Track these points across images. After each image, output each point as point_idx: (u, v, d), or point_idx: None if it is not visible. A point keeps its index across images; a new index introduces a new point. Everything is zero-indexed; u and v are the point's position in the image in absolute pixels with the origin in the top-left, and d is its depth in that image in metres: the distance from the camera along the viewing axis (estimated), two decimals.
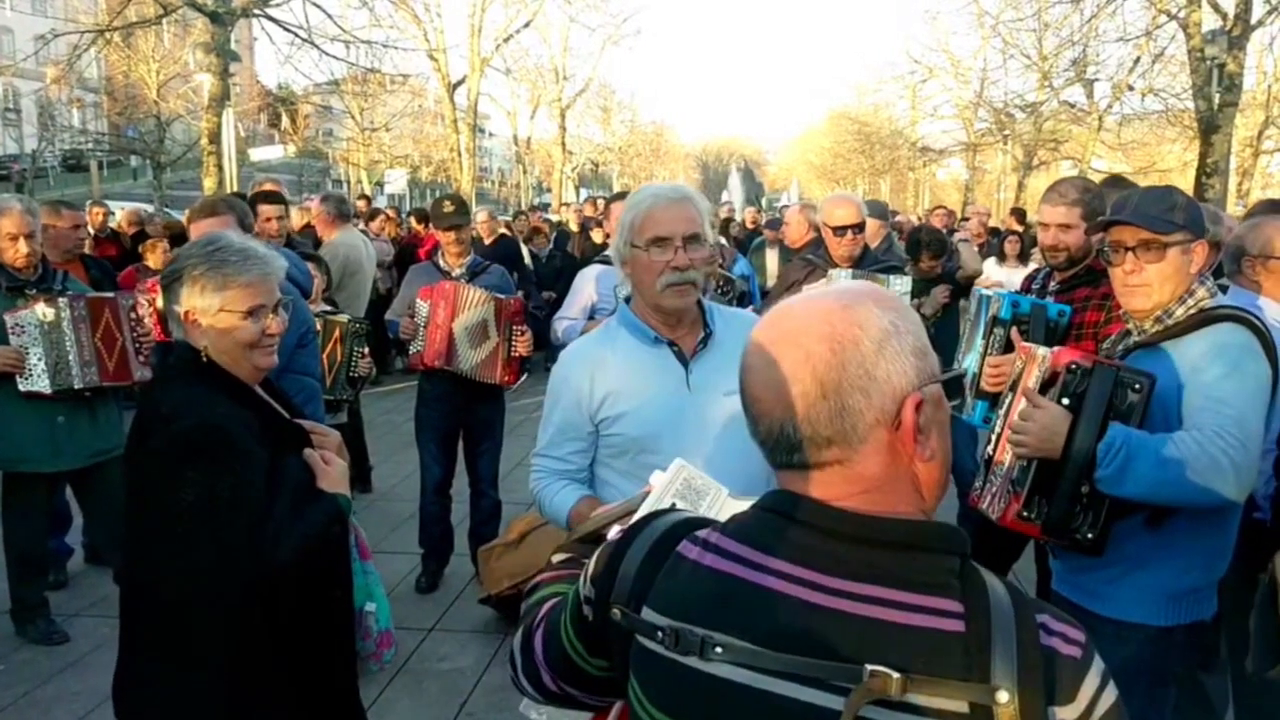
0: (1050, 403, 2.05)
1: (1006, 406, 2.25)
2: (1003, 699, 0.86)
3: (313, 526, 1.86)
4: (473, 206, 10.28)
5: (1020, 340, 2.54)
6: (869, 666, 0.87)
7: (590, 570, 1.09)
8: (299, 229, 7.21)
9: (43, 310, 3.85)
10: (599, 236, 10.49)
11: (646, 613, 0.99)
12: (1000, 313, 2.78)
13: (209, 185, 13.79)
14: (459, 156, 25.08)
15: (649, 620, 0.99)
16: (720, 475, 2.06)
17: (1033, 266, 6.12)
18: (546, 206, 22.88)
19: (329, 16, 17.45)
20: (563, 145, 33.53)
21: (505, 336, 4.45)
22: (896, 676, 0.86)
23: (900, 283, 3.85)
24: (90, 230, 8.66)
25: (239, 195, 5.07)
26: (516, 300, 4.57)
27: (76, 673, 3.88)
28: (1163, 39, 17.15)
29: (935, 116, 31.68)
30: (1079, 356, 2.10)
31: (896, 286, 3.81)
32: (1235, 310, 2.10)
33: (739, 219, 13.36)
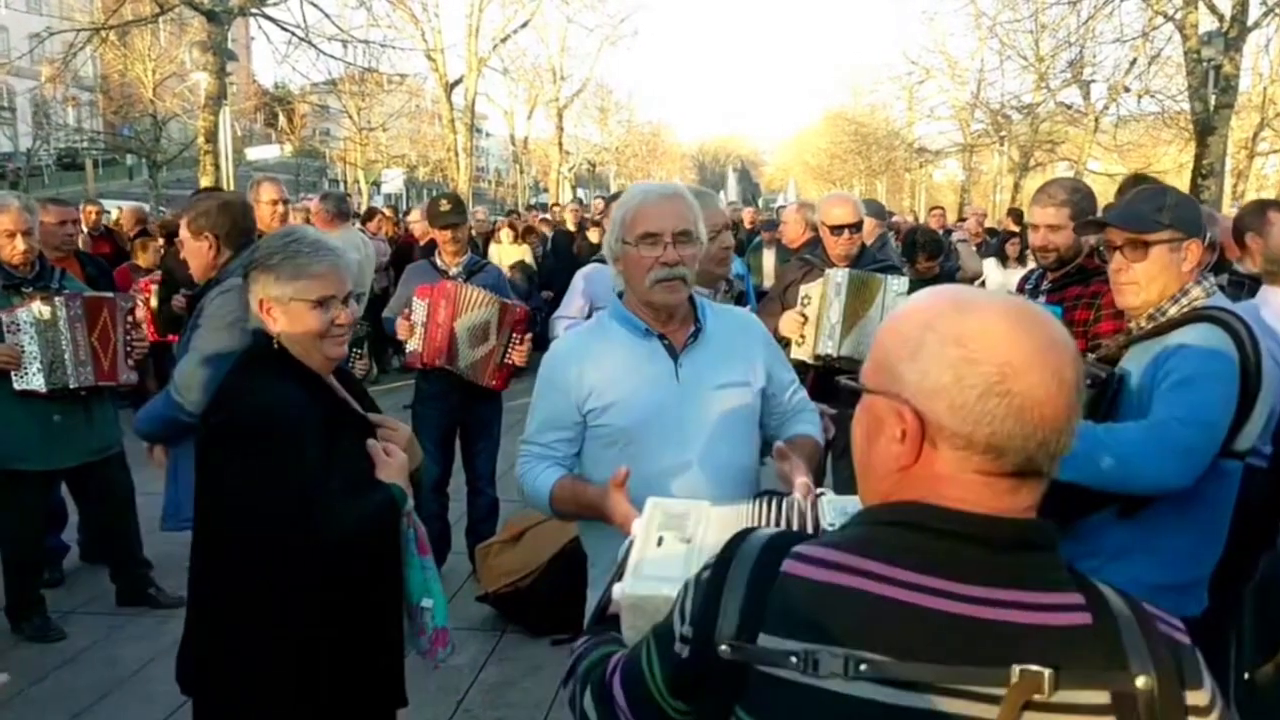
0: None
1: None
2: (1144, 684, 0.88)
3: (363, 512, 1.95)
4: (470, 206, 10.30)
5: None
6: (1017, 667, 0.87)
7: (685, 608, 1.02)
8: None
9: (39, 308, 3.85)
10: (595, 236, 10.49)
11: (766, 639, 0.94)
12: None
13: (205, 184, 13.76)
14: (456, 156, 25.07)
15: (773, 647, 0.93)
16: (707, 467, 2.07)
17: (1030, 266, 6.14)
18: (544, 206, 22.87)
19: (326, 16, 17.43)
20: (560, 145, 33.55)
21: (504, 342, 4.46)
22: (1048, 673, 0.86)
23: (898, 283, 3.86)
24: (84, 228, 8.64)
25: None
26: (522, 309, 4.58)
27: (72, 670, 3.88)
28: (1159, 40, 17.21)
29: (932, 117, 31.75)
30: None
31: (894, 287, 3.83)
32: (1218, 311, 2.12)
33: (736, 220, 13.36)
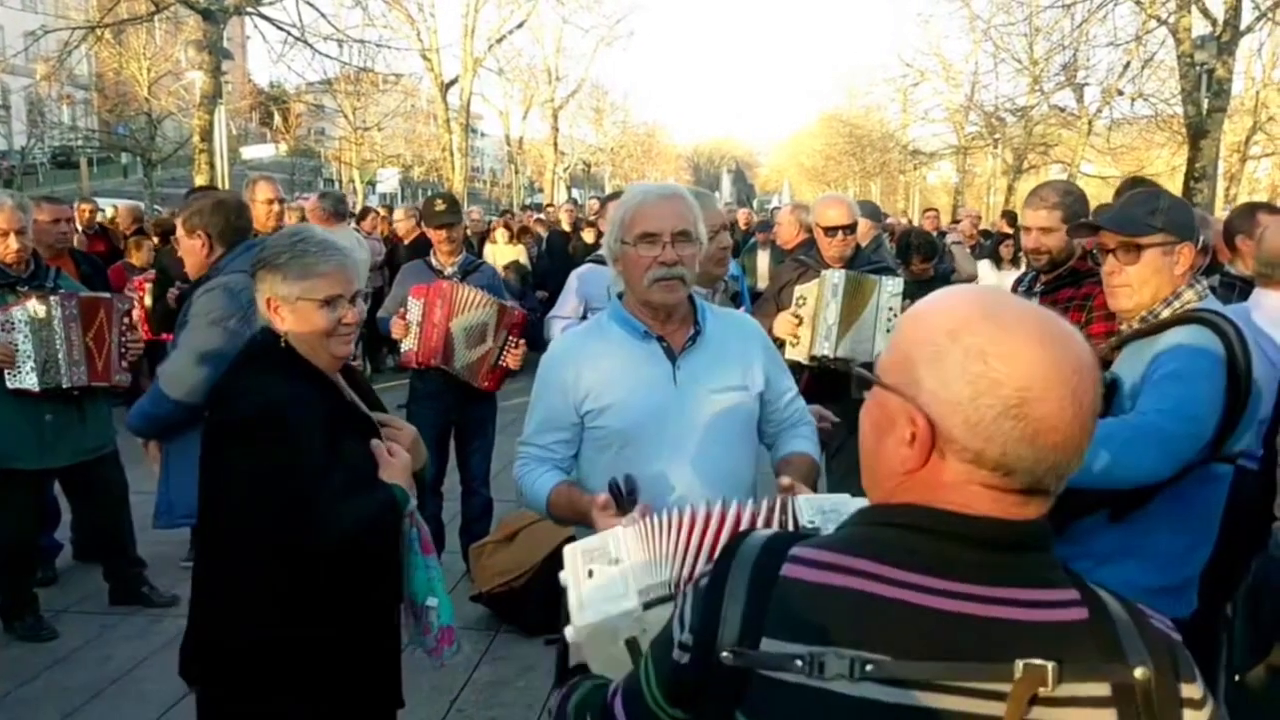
0: None
1: None
2: (1143, 676, 0.89)
3: (364, 510, 1.95)
4: (465, 206, 10.27)
5: None
6: (1020, 662, 0.88)
7: (684, 616, 1.02)
8: None
9: (34, 307, 3.84)
10: (590, 236, 10.49)
11: (769, 644, 0.93)
12: None
13: (200, 183, 13.72)
14: (451, 156, 25.06)
15: (777, 651, 0.93)
16: (702, 471, 2.07)
17: (1024, 269, 6.16)
18: (539, 207, 22.87)
19: (322, 15, 17.37)
20: (555, 146, 33.56)
21: (500, 344, 4.46)
22: (1051, 666, 0.87)
23: (892, 284, 3.87)
24: (79, 226, 8.61)
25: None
26: (521, 313, 4.59)
27: (64, 669, 3.87)
28: (1153, 44, 17.21)
29: (926, 120, 31.83)
30: None
31: (889, 288, 3.84)
32: (1208, 313, 2.13)
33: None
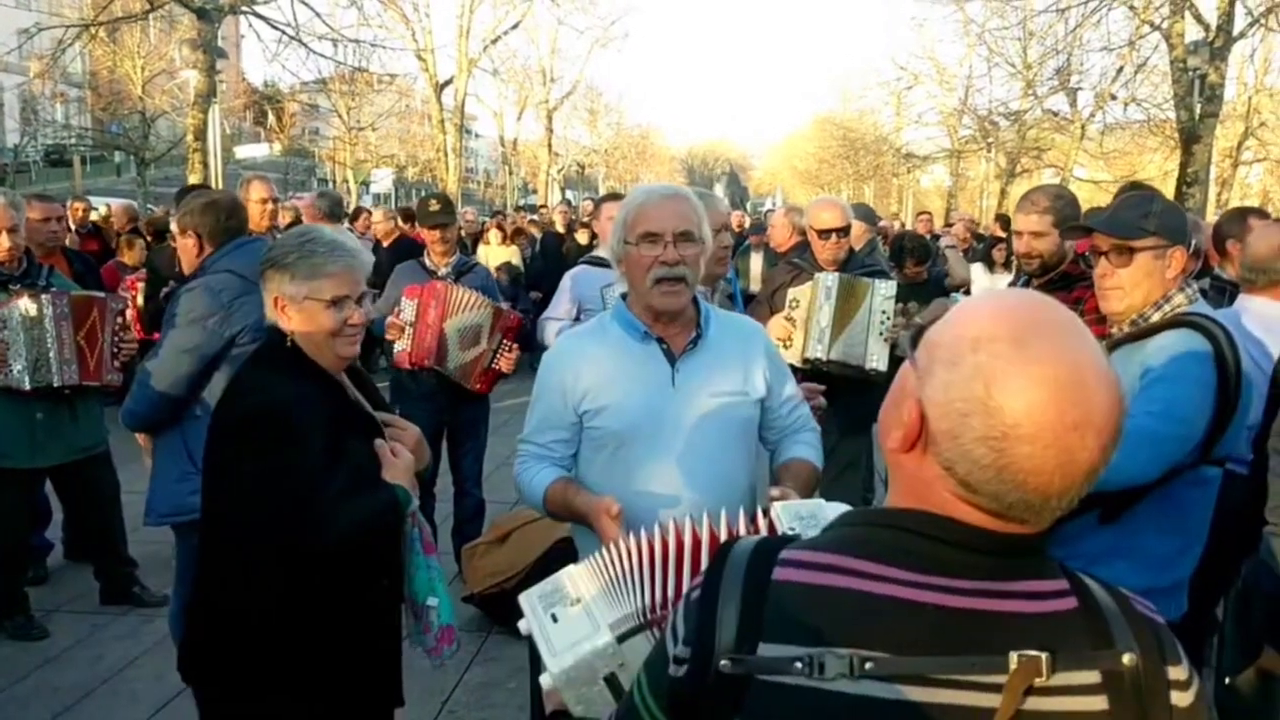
0: None
1: None
2: (1130, 661, 0.91)
3: (365, 511, 1.96)
4: (459, 207, 10.27)
5: None
6: (1014, 654, 0.89)
7: (677, 629, 1.01)
8: (284, 226, 7.18)
9: (26, 305, 3.81)
10: (584, 237, 10.49)
11: (767, 648, 0.93)
12: None
13: (194, 182, 13.70)
14: (445, 157, 25.04)
15: (775, 655, 0.92)
16: (695, 474, 2.07)
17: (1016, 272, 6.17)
18: (533, 208, 22.86)
19: (317, 15, 17.34)
20: (549, 147, 33.53)
21: (494, 346, 4.47)
22: (1045, 656, 0.89)
23: (885, 287, 3.88)
24: (71, 225, 8.58)
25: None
26: (516, 317, 4.59)
27: (55, 668, 3.86)
28: (1145, 49, 17.30)
29: (920, 123, 31.94)
30: None
31: (882, 291, 3.86)
32: (1198, 317, 2.14)
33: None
